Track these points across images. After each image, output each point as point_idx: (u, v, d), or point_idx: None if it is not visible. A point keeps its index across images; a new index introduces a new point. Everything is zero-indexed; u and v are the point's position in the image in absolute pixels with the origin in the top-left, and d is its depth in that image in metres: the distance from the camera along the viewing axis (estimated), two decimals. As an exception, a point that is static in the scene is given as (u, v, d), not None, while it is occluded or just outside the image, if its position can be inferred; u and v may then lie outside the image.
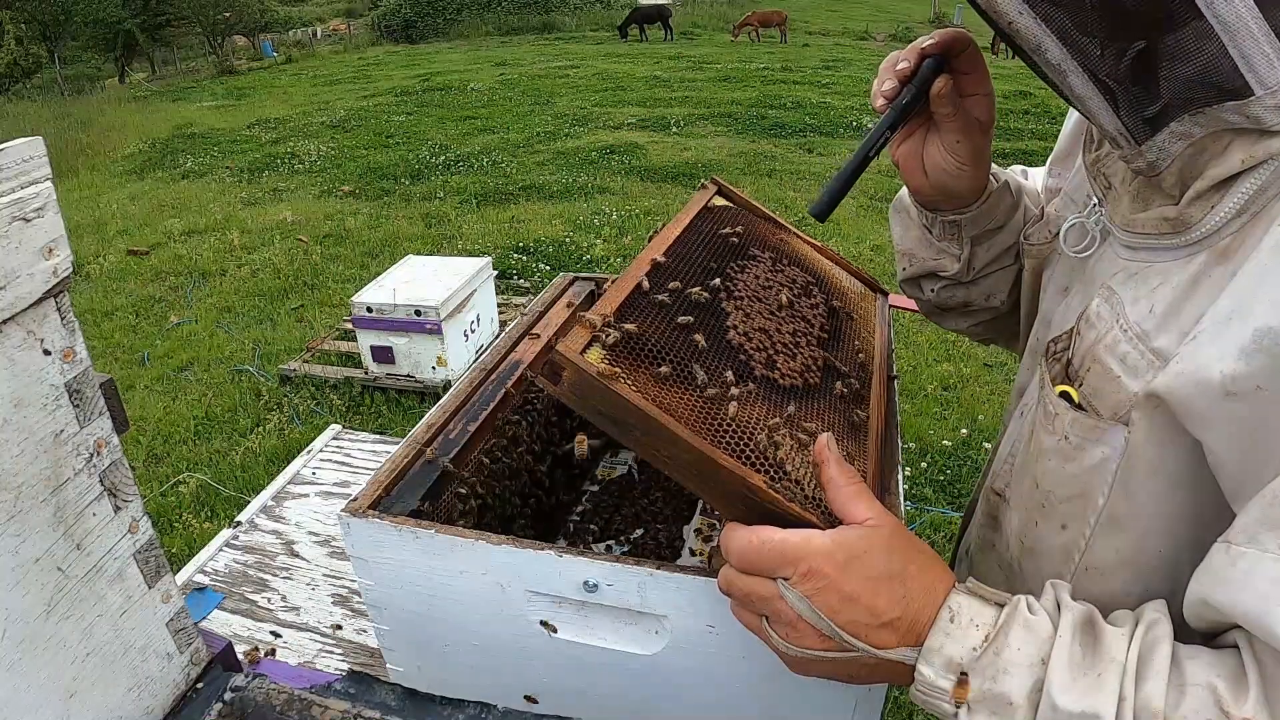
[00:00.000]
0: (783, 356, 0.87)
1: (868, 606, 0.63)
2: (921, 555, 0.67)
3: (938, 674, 0.62)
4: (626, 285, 0.84)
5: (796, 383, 0.85)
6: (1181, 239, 0.64)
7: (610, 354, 0.73)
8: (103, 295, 6.04)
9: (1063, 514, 0.74)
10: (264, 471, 3.78)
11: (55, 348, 0.69)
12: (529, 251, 6.26)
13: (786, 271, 1.04)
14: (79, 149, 11.24)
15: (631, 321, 0.78)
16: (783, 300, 0.95)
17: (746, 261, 1.01)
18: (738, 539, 0.68)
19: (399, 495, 0.93)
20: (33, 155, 0.65)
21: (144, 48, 27.04)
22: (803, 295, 1.01)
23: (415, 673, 1.01)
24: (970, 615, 0.63)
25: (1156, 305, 0.65)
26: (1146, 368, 0.64)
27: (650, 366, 0.75)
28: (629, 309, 0.81)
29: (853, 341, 1.01)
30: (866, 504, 0.67)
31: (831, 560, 0.64)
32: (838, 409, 0.86)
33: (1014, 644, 0.60)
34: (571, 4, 28.13)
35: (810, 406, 0.84)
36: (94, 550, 0.75)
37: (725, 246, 1.02)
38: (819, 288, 1.06)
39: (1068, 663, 0.58)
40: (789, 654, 0.67)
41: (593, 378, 0.68)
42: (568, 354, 0.68)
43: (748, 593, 0.68)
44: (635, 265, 0.88)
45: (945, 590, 0.65)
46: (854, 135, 9.57)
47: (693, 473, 0.70)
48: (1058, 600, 0.64)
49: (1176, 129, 0.62)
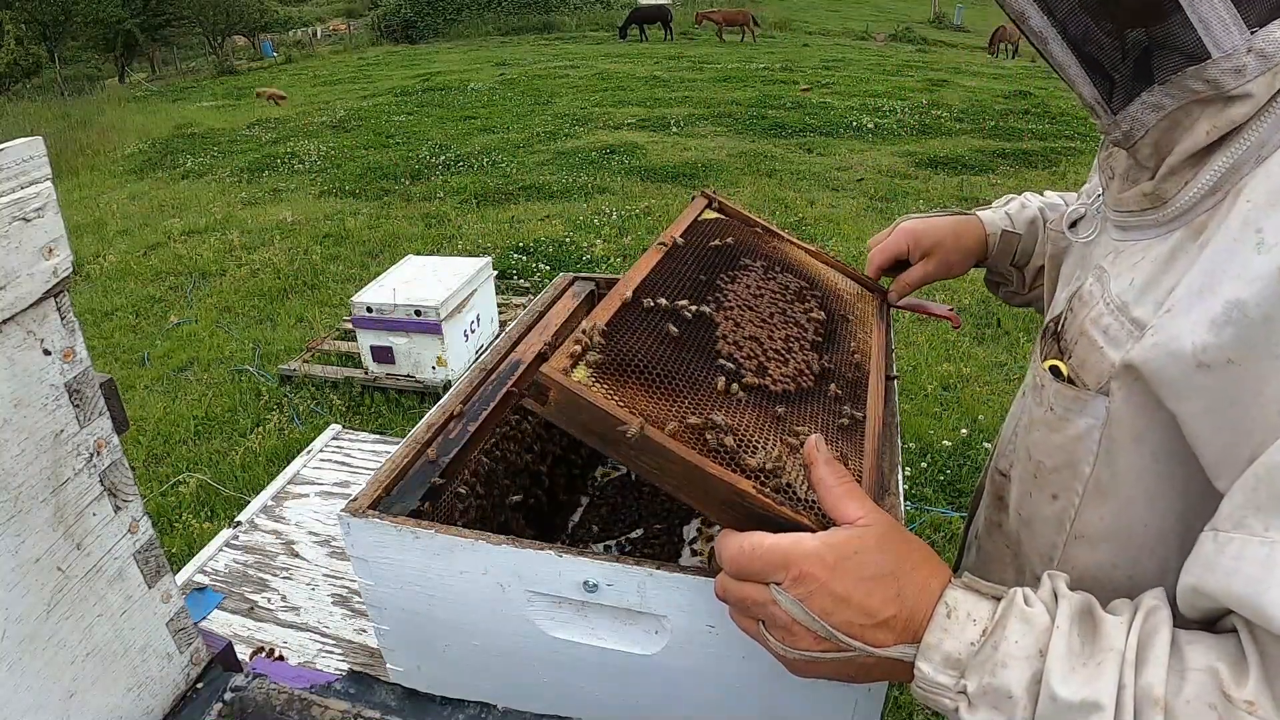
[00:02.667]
0: (774, 363, 0.87)
1: (861, 606, 0.63)
2: (915, 552, 0.67)
3: (937, 670, 0.62)
4: (613, 303, 0.84)
5: (789, 387, 0.85)
6: (1160, 214, 0.68)
7: (596, 371, 0.73)
8: (103, 295, 6.04)
9: (1053, 484, 0.76)
10: (264, 471, 3.77)
11: (55, 348, 0.69)
12: (529, 251, 6.26)
13: (779, 279, 1.04)
14: (79, 149, 11.24)
15: (618, 337, 0.79)
16: (774, 308, 0.95)
17: (737, 271, 1.01)
18: (729, 545, 0.68)
19: (399, 495, 0.93)
20: (33, 155, 0.65)
21: (144, 48, 27.04)
22: (795, 301, 1.01)
23: (415, 673, 1.01)
24: (967, 610, 0.63)
25: (1137, 278, 0.68)
26: (1126, 338, 0.67)
27: (636, 381, 0.75)
28: (616, 326, 0.81)
29: (848, 343, 1.01)
30: (857, 503, 0.67)
31: (822, 562, 0.63)
32: (832, 410, 0.86)
33: (1011, 637, 0.60)
34: (571, 4, 28.12)
35: (803, 410, 0.84)
36: (94, 550, 0.75)
37: (715, 258, 1.02)
38: (812, 292, 1.06)
39: (1066, 653, 0.58)
40: (787, 656, 0.67)
41: (577, 395, 0.68)
42: (552, 374, 0.68)
43: (742, 598, 0.68)
44: (622, 283, 0.89)
45: (941, 586, 0.65)
46: (854, 135, 9.56)
47: (684, 483, 0.70)
48: (1055, 591, 0.64)
49: (1148, 99, 0.65)
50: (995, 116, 10.51)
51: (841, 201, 7.29)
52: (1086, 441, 0.71)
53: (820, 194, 7.50)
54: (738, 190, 7.65)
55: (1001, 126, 9.95)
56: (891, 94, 12.32)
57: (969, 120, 10.35)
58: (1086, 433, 0.71)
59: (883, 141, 9.31)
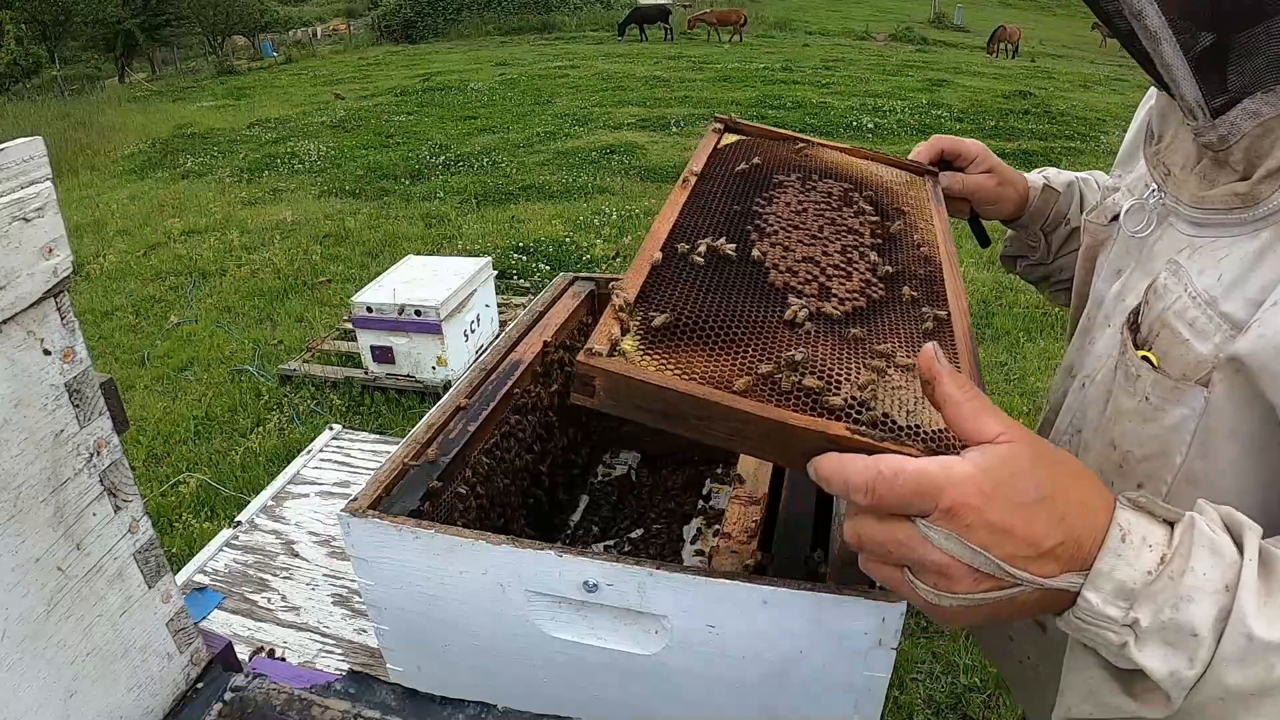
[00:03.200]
0: (836, 280, 0.80)
1: (1025, 537, 0.55)
2: (1068, 466, 0.60)
3: (1106, 601, 0.55)
4: (643, 265, 0.76)
5: (859, 303, 0.77)
6: (1249, 214, 0.70)
7: (641, 343, 0.66)
8: (103, 295, 6.04)
9: (1141, 473, 0.77)
10: (264, 471, 3.77)
11: (55, 348, 0.69)
12: (529, 251, 6.26)
13: (819, 187, 0.96)
14: (79, 149, 11.24)
15: (657, 300, 0.72)
16: (821, 219, 0.87)
17: (772, 191, 0.93)
18: (858, 472, 0.57)
19: (399, 495, 0.93)
20: (33, 155, 0.65)
21: (144, 48, 27.04)
22: (842, 206, 0.93)
23: (415, 673, 1.01)
24: (1141, 534, 0.57)
25: (1224, 274, 0.71)
26: (1214, 330, 0.69)
27: (690, 341, 0.69)
28: (652, 288, 0.74)
29: (910, 236, 0.93)
30: (995, 418, 0.58)
31: (979, 490, 0.55)
32: (911, 316, 0.79)
33: (1198, 568, 0.54)
34: (571, 4, 28.12)
35: (880, 323, 0.76)
36: (94, 550, 0.75)
37: (744, 183, 0.94)
38: (859, 192, 0.98)
39: (1257, 589, 0.54)
40: (940, 604, 0.58)
41: (627, 377, 0.61)
42: (593, 361, 0.62)
43: (885, 541, 0.58)
44: (650, 239, 0.81)
45: (1104, 506, 0.58)
46: (854, 135, 9.56)
47: (766, 443, 0.62)
48: (1225, 519, 0.59)
49: (1249, 106, 0.68)
50: (995, 116, 10.52)
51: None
52: (1181, 431, 0.72)
53: (820, 194, 7.50)
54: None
55: (1001, 126, 9.95)
56: (891, 94, 12.32)
57: (969, 120, 10.36)
58: (1182, 423, 0.72)
59: (883, 141, 9.30)
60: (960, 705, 2.39)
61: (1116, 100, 12.22)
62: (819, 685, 0.76)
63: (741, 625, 0.79)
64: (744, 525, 1.00)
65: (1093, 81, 14.31)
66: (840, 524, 0.90)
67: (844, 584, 0.77)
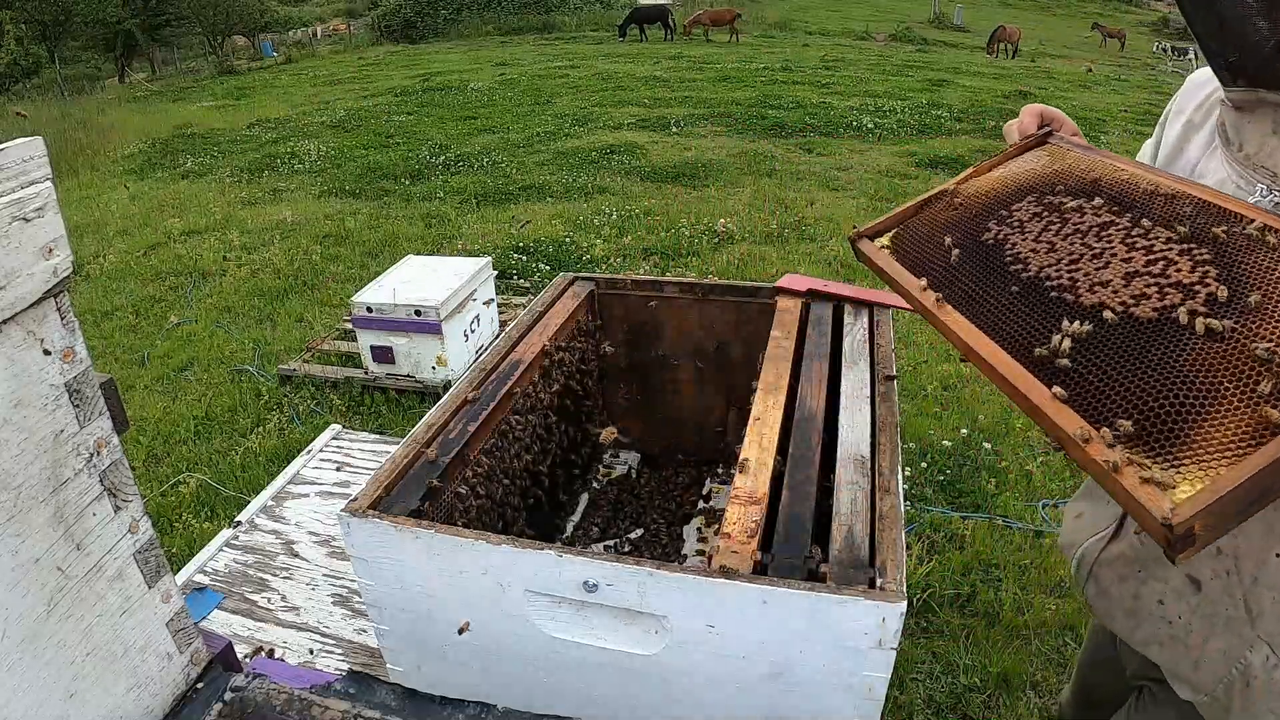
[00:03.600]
0: (1169, 291, 0.76)
1: None
2: None
3: None
4: (1044, 399, 0.73)
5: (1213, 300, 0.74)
6: None
7: (1164, 465, 0.64)
8: (103, 295, 6.04)
9: None
10: (264, 471, 3.77)
11: (55, 348, 0.69)
12: (529, 251, 6.26)
13: (1063, 217, 0.92)
14: (79, 149, 11.23)
15: (1097, 412, 0.68)
16: (1104, 244, 0.84)
17: (1005, 247, 0.90)
18: None
19: (399, 495, 0.93)
20: (32, 155, 0.65)
21: (144, 48, 27.03)
22: (1107, 225, 0.88)
23: (415, 673, 1.01)
24: None
25: None
26: None
27: (1185, 430, 0.65)
28: (1083, 409, 0.70)
29: (1179, 208, 0.87)
30: None
31: None
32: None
33: None
34: (571, 4, 28.11)
35: (1247, 319, 0.72)
36: (94, 550, 0.75)
37: (976, 262, 0.91)
38: (1100, 204, 0.93)
39: None
40: None
41: (1218, 498, 0.59)
42: (1183, 512, 0.59)
43: None
44: (1015, 380, 0.77)
45: None
46: (854, 135, 9.55)
47: None
48: None
49: None
50: (995, 116, 10.50)
51: (842, 201, 7.28)
52: None
53: (820, 194, 7.49)
54: (738, 190, 7.64)
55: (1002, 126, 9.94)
56: (892, 94, 12.32)
57: (969, 120, 10.35)
58: None
59: (883, 141, 9.31)
60: (960, 705, 2.39)
61: (1116, 100, 12.21)
62: (819, 685, 0.76)
63: (741, 625, 0.79)
64: (744, 525, 1.00)
65: (1093, 81, 14.31)
66: (840, 523, 0.90)
67: (844, 584, 0.77)
